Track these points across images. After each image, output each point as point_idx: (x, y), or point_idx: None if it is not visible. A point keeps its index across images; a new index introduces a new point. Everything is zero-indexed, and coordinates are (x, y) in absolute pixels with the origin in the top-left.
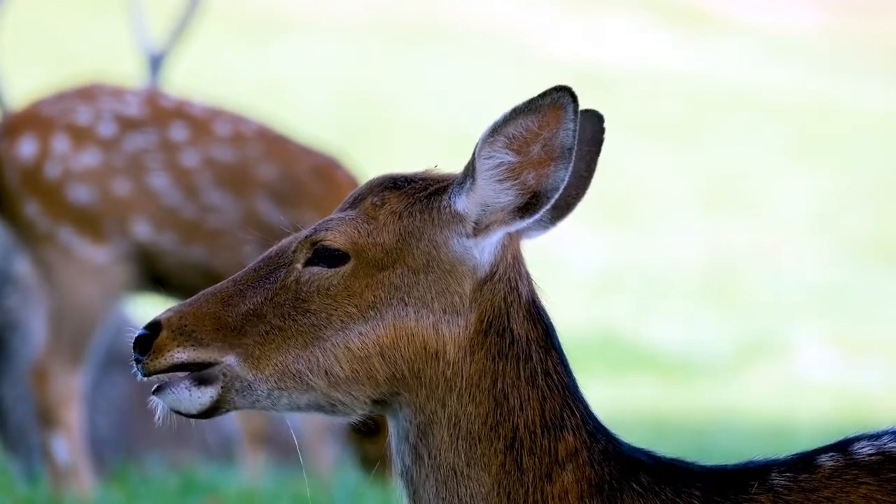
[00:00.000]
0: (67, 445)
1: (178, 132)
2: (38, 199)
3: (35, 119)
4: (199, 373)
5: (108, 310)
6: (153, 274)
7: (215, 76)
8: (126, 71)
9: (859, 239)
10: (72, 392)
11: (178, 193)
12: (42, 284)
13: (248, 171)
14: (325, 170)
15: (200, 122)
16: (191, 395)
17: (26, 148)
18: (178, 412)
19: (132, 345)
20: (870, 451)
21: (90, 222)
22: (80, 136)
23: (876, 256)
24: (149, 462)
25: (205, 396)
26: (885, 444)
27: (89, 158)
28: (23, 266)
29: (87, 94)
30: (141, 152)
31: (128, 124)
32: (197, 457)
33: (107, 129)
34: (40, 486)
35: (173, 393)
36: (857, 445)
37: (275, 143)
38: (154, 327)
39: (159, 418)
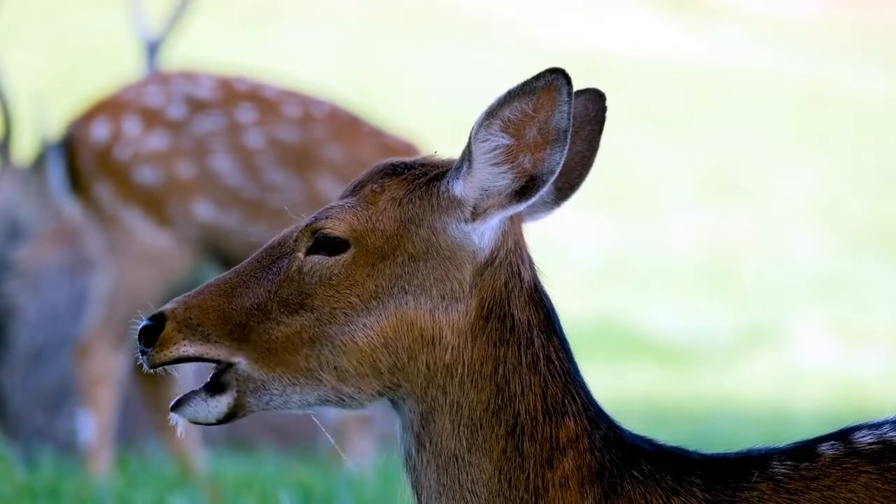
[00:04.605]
0: (95, 425)
1: (246, 114)
2: (108, 181)
3: (110, 102)
4: (212, 382)
5: (161, 294)
6: (220, 253)
7: (212, 63)
8: (123, 58)
9: (858, 226)
10: (111, 372)
11: (241, 174)
12: (100, 263)
13: (312, 152)
14: (397, 152)
15: (270, 103)
16: (207, 405)
17: (99, 130)
18: (198, 422)
19: (137, 336)
20: (870, 440)
21: (155, 205)
22: (150, 118)
23: (875, 244)
24: (148, 449)
25: (221, 405)
26: (885, 434)
27: (157, 141)
28: (21, 252)
29: (161, 76)
30: (208, 135)
31: (197, 106)
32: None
33: (176, 111)
34: (40, 472)
35: (190, 406)
36: (857, 434)
37: (345, 125)
38: (158, 319)
39: (182, 433)
